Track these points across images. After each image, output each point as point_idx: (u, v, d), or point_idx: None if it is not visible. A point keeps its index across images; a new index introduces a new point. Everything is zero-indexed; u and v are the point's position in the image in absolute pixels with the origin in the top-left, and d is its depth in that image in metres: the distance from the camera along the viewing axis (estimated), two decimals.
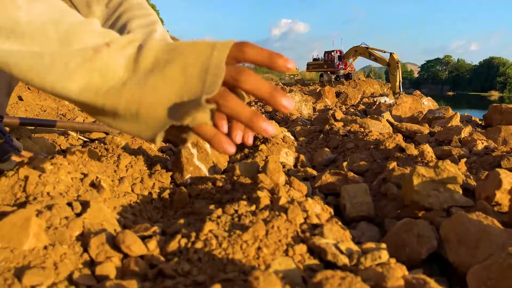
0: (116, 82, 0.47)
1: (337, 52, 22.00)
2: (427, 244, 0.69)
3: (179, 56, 0.48)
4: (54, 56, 0.46)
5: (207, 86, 0.46)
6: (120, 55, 0.48)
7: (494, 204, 0.81)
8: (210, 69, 0.46)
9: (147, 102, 0.47)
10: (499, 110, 2.00)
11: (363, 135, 1.47)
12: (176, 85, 0.46)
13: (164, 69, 0.47)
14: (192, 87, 0.46)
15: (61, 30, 0.47)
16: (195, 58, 0.47)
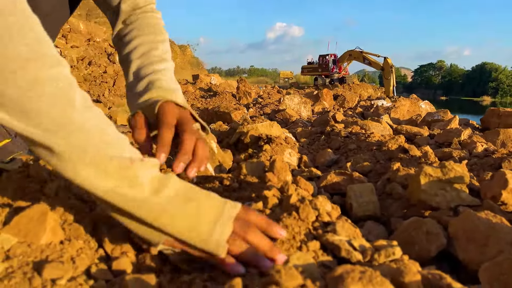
0: (139, 195, 0.52)
1: (331, 56, 22.12)
2: (436, 242, 0.70)
3: (197, 198, 0.55)
4: (95, 155, 0.51)
5: (217, 232, 0.54)
6: (149, 172, 0.54)
7: (500, 203, 0.82)
8: (222, 218, 0.55)
9: (162, 222, 0.53)
10: (496, 113, 2.02)
11: (365, 136, 1.48)
12: (190, 220, 0.53)
13: (184, 204, 0.54)
14: (202, 227, 0.54)
15: (104, 137, 0.53)
16: (210, 206, 0.55)
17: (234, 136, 1.45)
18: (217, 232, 0.53)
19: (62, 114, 0.50)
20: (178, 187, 0.55)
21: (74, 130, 0.50)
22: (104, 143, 0.52)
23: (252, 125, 1.37)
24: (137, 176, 0.53)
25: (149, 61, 0.80)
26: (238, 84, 3.90)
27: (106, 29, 7.89)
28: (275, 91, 5.76)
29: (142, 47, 0.82)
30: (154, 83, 0.76)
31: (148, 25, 0.85)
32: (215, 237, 0.53)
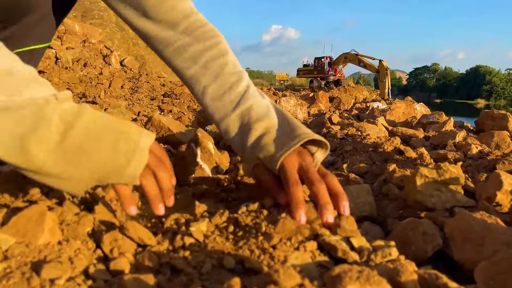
0: (51, 140, 0.52)
1: (327, 59, 22.20)
2: (432, 242, 0.70)
3: (111, 132, 0.56)
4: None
5: (132, 165, 0.56)
6: (59, 112, 0.53)
7: (495, 204, 0.83)
8: (137, 151, 0.56)
9: (74, 170, 0.55)
10: (491, 116, 2.04)
11: (361, 138, 1.49)
12: (104, 157, 0.55)
13: (96, 142, 0.54)
14: (118, 162, 0.56)
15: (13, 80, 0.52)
16: (126, 138, 0.56)
17: None
18: (132, 165, 0.56)
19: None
20: (89, 121, 0.55)
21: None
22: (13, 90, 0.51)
23: None
24: (51, 119, 0.52)
25: (228, 85, 0.77)
26: None
27: (102, 30, 7.88)
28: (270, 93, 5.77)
29: (213, 66, 0.78)
30: (252, 119, 0.74)
31: (205, 36, 0.80)
32: (130, 171, 0.56)
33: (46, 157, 0.52)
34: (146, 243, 0.59)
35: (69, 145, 0.53)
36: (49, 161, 0.53)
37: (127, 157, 0.56)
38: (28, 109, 0.51)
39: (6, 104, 0.50)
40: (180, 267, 0.56)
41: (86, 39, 5.37)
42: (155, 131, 1.42)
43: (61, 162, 0.53)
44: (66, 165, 0.54)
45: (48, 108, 0.52)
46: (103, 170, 0.55)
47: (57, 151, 0.53)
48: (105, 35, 7.67)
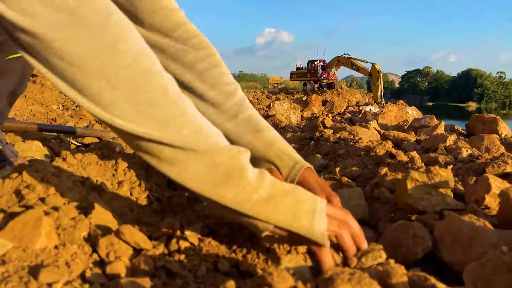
0: (244, 191, 0.55)
1: (320, 62, 22.29)
2: (422, 245, 0.72)
3: (293, 192, 0.58)
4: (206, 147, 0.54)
5: (316, 221, 0.57)
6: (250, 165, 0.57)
7: (483, 207, 0.85)
8: (317, 210, 0.58)
9: (265, 216, 0.56)
10: (481, 119, 2.07)
11: (353, 142, 1.51)
12: (290, 212, 0.56)
13: (282, 198, 0.56)
14: (301, 220, 0.57)
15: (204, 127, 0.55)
16: (304, 199, 0.58)
17: None
18: (317, 222, 0.56)
19: (173, 106, 0.52)
20: (273, 181, 0.58)
21: (184, 123, 0.52)
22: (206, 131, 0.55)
23: None
24: (245, 167, 0.55)
25: (227, 94, 0.81)
26: None
27: None
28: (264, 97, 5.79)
29: (211, 74, 0.81)
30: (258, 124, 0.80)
31: (200, 45, 0.82)
32: (317, 227, 0.56)
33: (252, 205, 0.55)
34: (141, 247, 0.60)
35: (261, 198, 0.55)
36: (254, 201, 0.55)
37: (309, 216, 0.57)
38: (222, 152, 0.54)
39: (203, 147, 0.53)
40: (176, 270, 0.57)
41: None
42: None
43: (261, 209, 0.56)
44: (265, 214, 0.56)
45: (242, 155, 0.56)
46: (293, 225, 0.56)
47: (252, 203, 0.55)
48: None
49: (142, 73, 0.50)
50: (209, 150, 0.53)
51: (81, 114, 2.19)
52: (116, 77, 0.48)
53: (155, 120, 0.51)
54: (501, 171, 1.19)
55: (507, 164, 1.19)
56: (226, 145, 0.56)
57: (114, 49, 0.48)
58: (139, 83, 0.49)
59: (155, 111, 0.50)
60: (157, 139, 0.51)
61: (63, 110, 2.42)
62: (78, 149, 1.45)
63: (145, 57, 0.51)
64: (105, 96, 0.49)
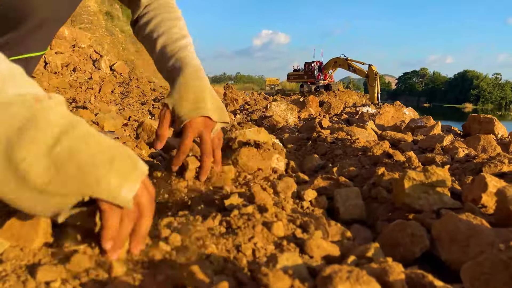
0: (43, 144, 0.46)
1: (317, 63, 22.33)
2: (420, 244, 0.72)
3: (107, 149, 0.51)
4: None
5: (127, 187, 0.52)
6: (58, 114, 0.48)
7: (480, 206, 0.85)
8: (134, 173, 0.54)
9: (62, 183, 0.48)
10: (477, 120, 2.08)
11: (351, 142, 1.51)
12: (99, 173, 0.49)
13: (91, 156, 0.49)
14: (113, 181, 0.50)
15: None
16: (123, 157, 0.53)
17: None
18: (127, 187, 0.51)
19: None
20: (84, 131, 0.50)
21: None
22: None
23: (240, 131, 1.38)
24: (47, 114, 0.47)
25: (172, 39, 0.94)
26: (225, 91, 3.93)
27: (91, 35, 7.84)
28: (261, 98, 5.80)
29: (163, 24, 0.95)
30: (183, 62, 0.89)
31: (164, 6, 0.99)
32: (125, 193, 0.51)
33: (35, 162, 0.45)
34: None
35: (61, 152, 0.47)
36: (38, 167, 0.45)
37: (123, 177, 0.51)
38: (16, 106, 0.45)
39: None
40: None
41: (76, 44, 5.34)
42: (146, 136, 1.43)
43: (50, 170, 0.46)
44: (55, 175, 0.46)
45: (39, 107, 0.47)
46: (94, 187, 0.49)
47: (48, 156, 0.46)
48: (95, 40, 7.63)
49: None
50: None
51: (78, 115, 2.18)
52: None
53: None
54: (498, 170, 1.19)
55: (503, 164, 1.20)
56: (17, 93, 0.46)
57: None
58: None
59: None
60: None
61: None
62: None
63: None
64: None
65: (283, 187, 0.96)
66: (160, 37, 0.94)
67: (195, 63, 0.91)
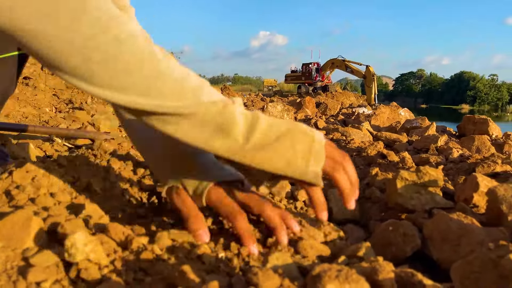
0: (235, 142, 0.56)
1: (314, 65, 22.35)
2: (411, 243, 0.73)
3: (288, 133, 0.58)
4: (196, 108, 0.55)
5: (311, 164, 0.58)
6: (242, 115, 0.57)
7: (472, 206, 0.86)
8: (313, 149, 0.58)
9: (260, 165, 0.57)
10: (472, 120, 2.09)
11: (346, 143, 1.52)
12: (284, 157, 0.57)
13: (276, 143, 0.57)
14: (299, 161, 0.57)
15: (192, 85, 0.55)
16: (301, 139, 0.58)
17: None
18: (312, 164, 0.57)
19: (148, 70, 0.52)
20: (267, 124, 0.57)
21: (162, 85, 0.53)
22: (193, 94, 0.54)
23: None
24: (233, 119, 0.55)
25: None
26: (222, 92, 3.92)
27: None
28: (258, 99, 5.81)
29: None
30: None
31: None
32: (311, 168, 0.57)
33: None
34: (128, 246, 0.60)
35: (253, 146, 0.56)
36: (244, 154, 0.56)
37: (305, 157, 0.57)
38: (213, 109, 0.55)
39: (190, 110, 0.54)
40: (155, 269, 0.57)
41: None
42: None
43: (254, 156, 0.56)
44: (258, 160, 0.57)
45: (230, 109, 0.56)
46: (286, 170, 0.57)
47: (244, 152, 0.56)
48: None
49: (111, 41, 0.49)
50: (194, 112, 0.54)
51: (74, 116, 2.18)
52: (86, 49, 0.48)
53: (134, 87, 0.51)
54: (491, 171, 1.20)
55: (496, 164, 1.21)
56: (211, 101, 0.55)
57: (78, 21, 0.47)
58: (110, 52, 0.49)
59: (132, 79, 0.51)
60: (143, 108, 0.53)
61: (55, 113, 2.41)
62: (70, 150, 1.45)
63: (113, 25, 0.50)
64: (83, 70, 0.49)
65: (277, 187, 0.96)
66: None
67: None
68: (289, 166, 0.57)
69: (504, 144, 1.90)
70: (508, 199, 0.73)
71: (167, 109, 0.53)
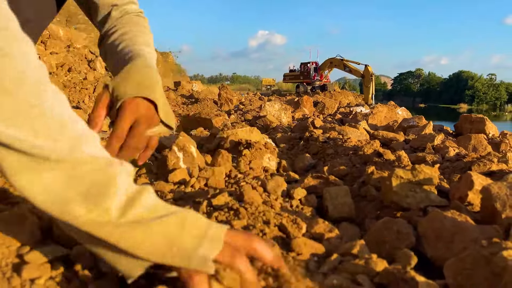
0: (105, 214, 0.45)
1: (313, 64, 22.34)
2: (406, 241, 0.73)
3: (179, 212, 0.49)
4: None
5: (204, 247, 0.47)
6: (124, 182, 0.47)
7: (466, 204, 0.86)
8: (209, 235, 0.48)
9: (131, 247, 0.46)
10: (469, 119, 2.10)
11: (342, 141, 1.52)
12: (170, 235, 0.47)
13: (160, 220, 0.47)
14: (185, 242, 0.47)
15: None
16: (193, 222, 0.49)
17: (214, 141, 1.47)
18: (204, 247, 0.47)
19: (28, 95, 0.42)
20: (154, 201, 0.49)
21: (38, 115, 0.43)
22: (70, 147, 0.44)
23: (232, 130, 1.39)
24: (114, 182, 0.46)
25: (133, 42, 0.81)
26: (220, 91, 3.93)
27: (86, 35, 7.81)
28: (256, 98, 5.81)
29: (128, 34, 0.84)
30: (135, 53, 0.76)
31: (136, 24, 0.88)
32: (201, 252, 0.47)
33: (111, 231, 0.45)
34: None
35: (128, 221, 0.46)
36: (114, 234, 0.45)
37: (197, 237, 0.48)
38: (91, 165, 0.45)
39: (59, 155, 0.43)
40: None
41: (71, 44, 5.32)
42: None
43: (128, 234, 0.46)
44: (132, 239, 0.46)
45: (113, 170, 0.47)
46: (170, 251, 0.47)
47: (114, 228, 0.45)
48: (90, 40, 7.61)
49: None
50: (64, 159, 0.44)
51: None
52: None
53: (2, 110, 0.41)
54: (487, 169, 1.20)
55: (492, 163, 1.21)
56: (91, 155, 0.46)
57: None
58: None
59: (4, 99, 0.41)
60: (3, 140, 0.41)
61: None
62: None
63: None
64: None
65: (273, 185, 0.97)
66: (121, 43, 0.81)
67: (150, 56, 0.78)
68: (170, 249, 0.46)
69: (501, 143, 1.91)
70: (502, 197, 0.74)
71: (29, 147, 0.42)
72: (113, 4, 0.88)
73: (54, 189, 0.43)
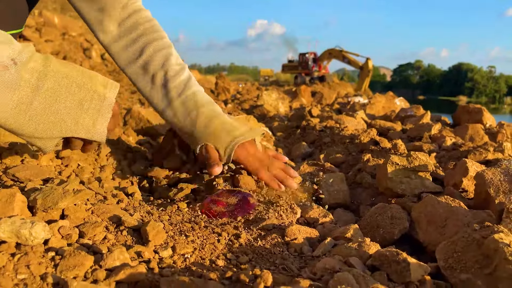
0: (23, 99, 0.55)
1: (311, 54, 22.23)
2: (399, 226, 0.73)
3: (78, 90, 0.61)
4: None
5: (99, 123, 0.63)
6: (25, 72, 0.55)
7: (461, 190, 0.86)
8: (102, 109, 0.62)
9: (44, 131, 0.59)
10: (466, 110, 2.09)
11: (339, 130, 1.52)
12: (72, 116, 0.61)
13: (63, 103, 0.59)
14: (86, 121, 0.62)
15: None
16: (91, 96, 0.62)
17: None
18: (98, 123, 0.62)
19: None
20: (53, 82, 0.58)
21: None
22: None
23: None
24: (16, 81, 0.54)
25: (173, 73, 0.86)
26: (217, 80, 3.91)
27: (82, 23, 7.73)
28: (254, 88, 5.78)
29: (159, 55, 0.86)
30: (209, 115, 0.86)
31: (152, 29, 0.88)
32: (98, 128, 0.62)
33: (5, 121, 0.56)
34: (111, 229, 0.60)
35: (36, 107, 0.56)
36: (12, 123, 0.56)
37: (93, 117, 0.61)
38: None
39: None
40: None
41: (66, 32, 5.27)
42: (134, 123, 1.42)
43: (29, 122, 0.57)
44: (35, 125, 0.57)
45: (7, 74, 0.53)
46: (73, 128, 0.60)
47: (24, 113, 0.56)
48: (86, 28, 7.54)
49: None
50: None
51: None
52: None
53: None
54: (483, 158, 1.20)
55: (488, 152, 1.21)
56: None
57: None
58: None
59: None
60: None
61: None
62: None
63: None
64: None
65: None
66: (158, 71, 0.85)
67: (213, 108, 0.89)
68: (75, 125, 0.60)
69: (498, 133, 1.90)
70: (496, 182, 0.74)
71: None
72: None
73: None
